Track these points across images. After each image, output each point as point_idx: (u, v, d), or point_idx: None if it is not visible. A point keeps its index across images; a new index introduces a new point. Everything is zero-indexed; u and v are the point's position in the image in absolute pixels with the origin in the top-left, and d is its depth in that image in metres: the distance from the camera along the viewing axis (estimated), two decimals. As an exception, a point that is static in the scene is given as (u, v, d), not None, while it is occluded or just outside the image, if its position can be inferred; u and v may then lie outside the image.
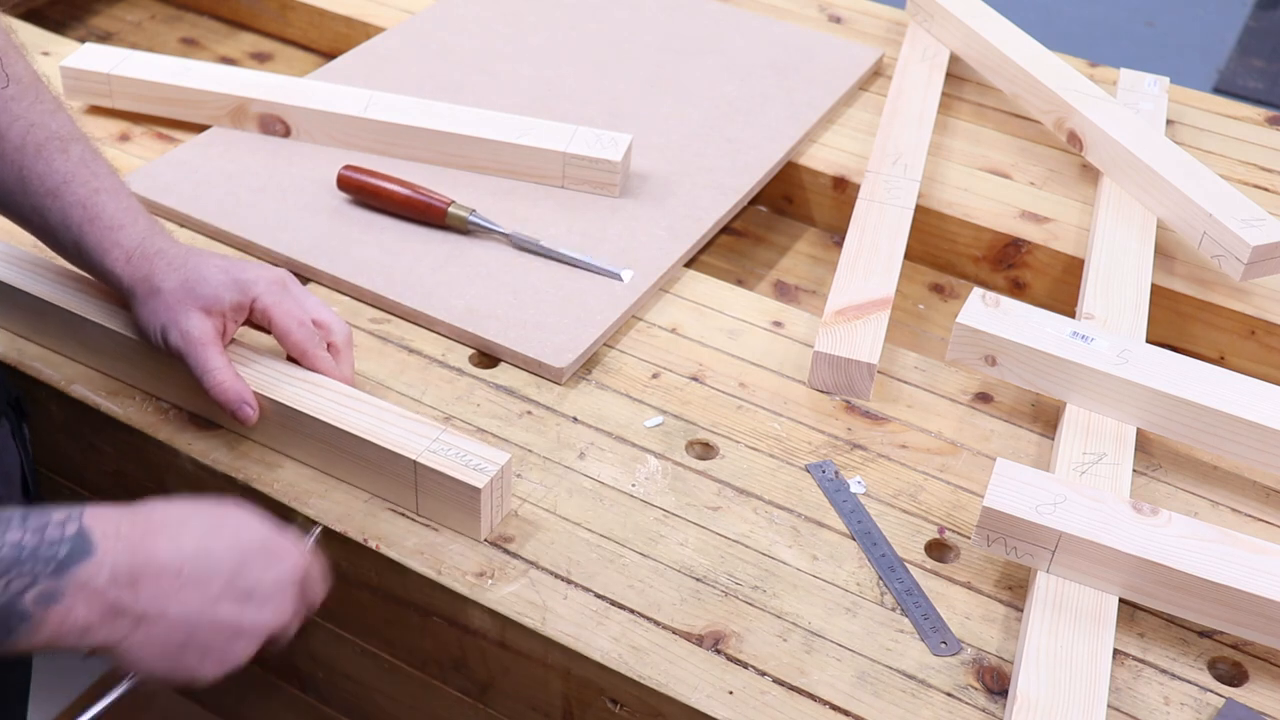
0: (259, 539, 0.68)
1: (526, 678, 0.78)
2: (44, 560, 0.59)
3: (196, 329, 0.79)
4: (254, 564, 0.67)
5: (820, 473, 0.86)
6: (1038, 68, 1.22)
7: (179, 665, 0.65)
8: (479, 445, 0.78)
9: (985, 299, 0.91)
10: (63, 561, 0.59)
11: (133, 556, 0.62)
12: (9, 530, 0.59)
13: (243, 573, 0.66)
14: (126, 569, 0.61)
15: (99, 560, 0.60)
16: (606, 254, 1.01)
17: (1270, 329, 1.04)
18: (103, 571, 0.60)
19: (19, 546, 0.58)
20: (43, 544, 0.59)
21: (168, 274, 0.80)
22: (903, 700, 0.72)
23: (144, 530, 0.63)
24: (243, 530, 0.68)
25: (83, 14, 1.49)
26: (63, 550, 0.59)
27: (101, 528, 0.61)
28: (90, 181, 0.81)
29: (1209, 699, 0.73)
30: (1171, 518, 0.76)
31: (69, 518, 0.61)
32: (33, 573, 0.58)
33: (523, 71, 1.24)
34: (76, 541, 0.60)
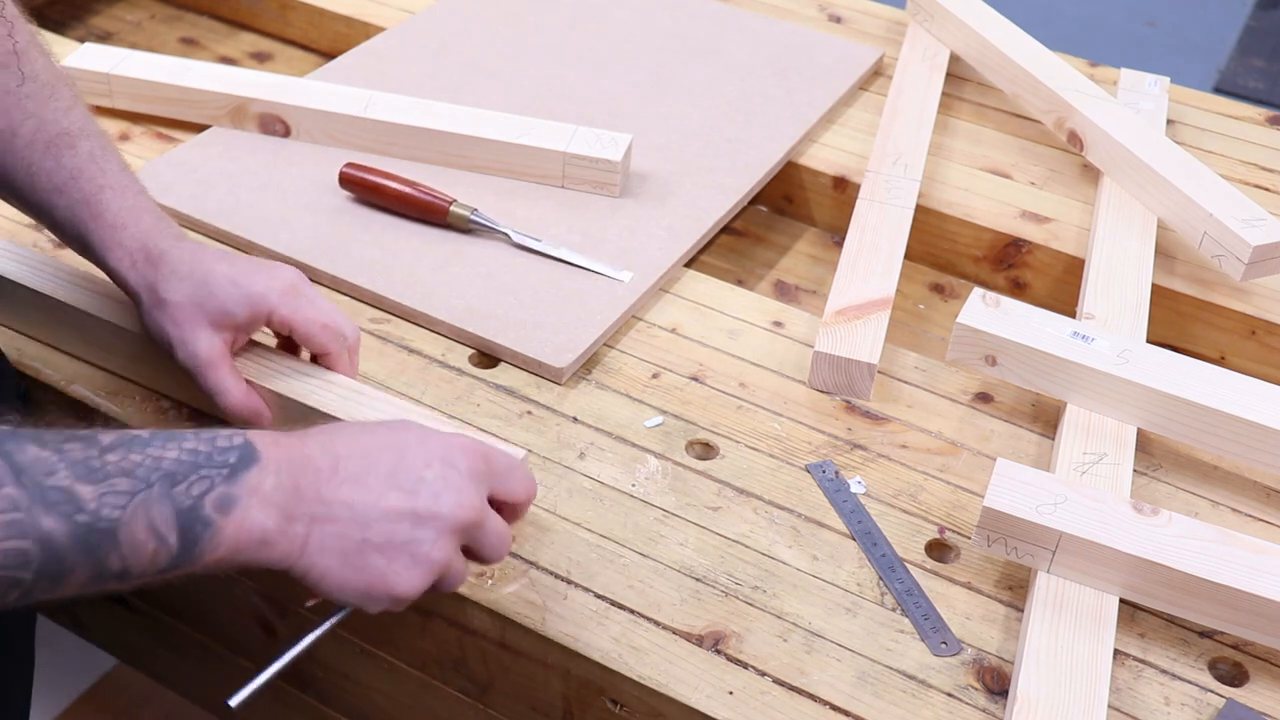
0: (418, 434, 0.67)
1: (526, 678, 0.78)
2: (218, 465, 0.60)
3: (204, 349, 0.77)
4: (414, 455, 0.66)
5: (820, 473, 0.86)
6: (1038, 67, 1.22)
7: (367, 572, 0.64)
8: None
9: (985, 299, 0.91)
10: (234, 466, 0.60)
11: (291, 462, 0.63)
12: (185, 440, 0.60)
13: (403, 465, 0.65)
14: (288, 473, 0.62)
15: (264, 466, 0.61)
16: (606, 254, 1.01)
17: (1271, 329, 1.04)
18: (268, 476, 0.61)
19: (195, 452, 0.60)
20: (215, 450, 0.60)
21: (173, 284, 0.78)
22: (903, 700, 0.72)
23: (299, 439, 0.64)
24: (398, 430, 0.67)
25: (82, 14, 1.48)
26: (233, 456, 0.61)
27: (262, 439, 0.62)
28: (97, 178, 0.80)
29: (1209, 699, 0.73)
30: (1172, 518, 0.76)
31: (235, 432, 0.62)
32: (210, 477, 0.59)
33: (523, 71, 1.24)
34: (244, 450, 0.61)
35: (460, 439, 0.68)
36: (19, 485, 0.54)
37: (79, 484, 0.55)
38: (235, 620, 0.94)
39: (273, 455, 0.62)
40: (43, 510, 0.54)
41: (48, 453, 0.55)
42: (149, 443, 0.59)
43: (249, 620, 0.93)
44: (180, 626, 1.01)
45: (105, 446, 0.57)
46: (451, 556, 0.66)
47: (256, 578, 0.89)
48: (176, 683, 1.12)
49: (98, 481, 0.56)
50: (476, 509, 0.66)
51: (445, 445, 0.67)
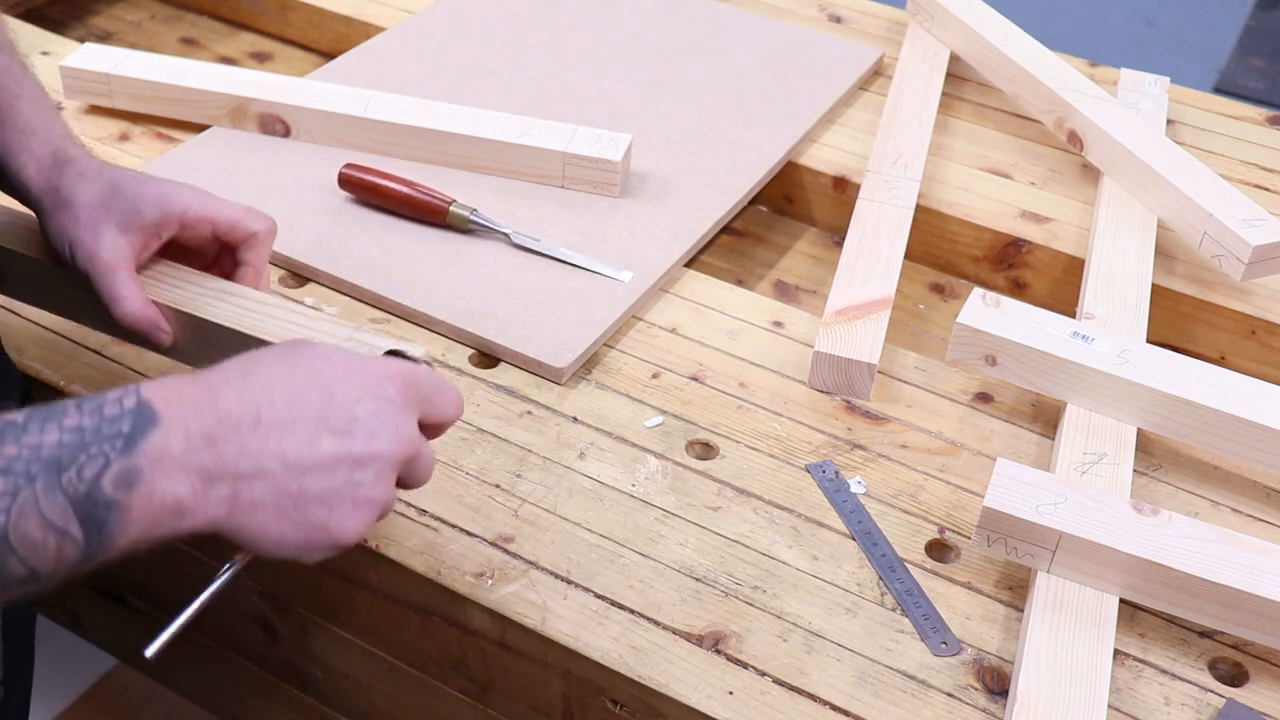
0: (340, 367, 0.60)
1: (526, 678, 0.78)
2: (109, 439, 0.53)
3: (107, 250, 0.72)
4: (342, 393, 0.59)
5: (820, 473, 0.86)
6: (1038, 67, 1.22)
7: (308, 525, 0.58)
8: (393, 342, 0.71)
9: (985, 299, 0.91)
10: (129, 436, 0.53)
11: (202, 417, 0.56)
12: (65, 416, 0.53)
13: (332, 405, 0.59)
14: (199, 431, 0.55)
15: (167, 427, 0.54)
16: (606, 254, 1.01)
17: (1271, 329, 1.04)
18: (174, 437, 0.54)
19: (79, 430, 0.53)
20: (104, 422, 0.53)
21: (81, 185, 0.74)
22: (903, 700, 0.72)
23: (207, 388, 0.57)
24: (319, 364, 0.60)
25: (82, 14, 1.48)
26: (126, 424, 0.54)
27: (161, 395, 0.55)
28: (11, 87, 0.77)
29: (1209, 699, 0.73)
30: (1172, 518, 0.76)
31: (125, 393, 0.55)
32: (102, 454, 0.53)
33: (523, 71, 1.24)
34: (139, 414, 0.54)
35: (383, 364, 0.62)
36: None
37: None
38: (235, 620, 0.94)
39: (176, 413, 0.55)
40: None
41: None
42: (24, 429, 0.52)
43: (249, 620, 0.93)
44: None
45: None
46: (392, 491, 0.61)
47: (257, 578, 0.89)
48: (176, 683, 1.12)
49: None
50: (413, 439, 0.61)
51: (372, 375, 0.61)
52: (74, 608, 1.11)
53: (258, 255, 0.78)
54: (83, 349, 0.91)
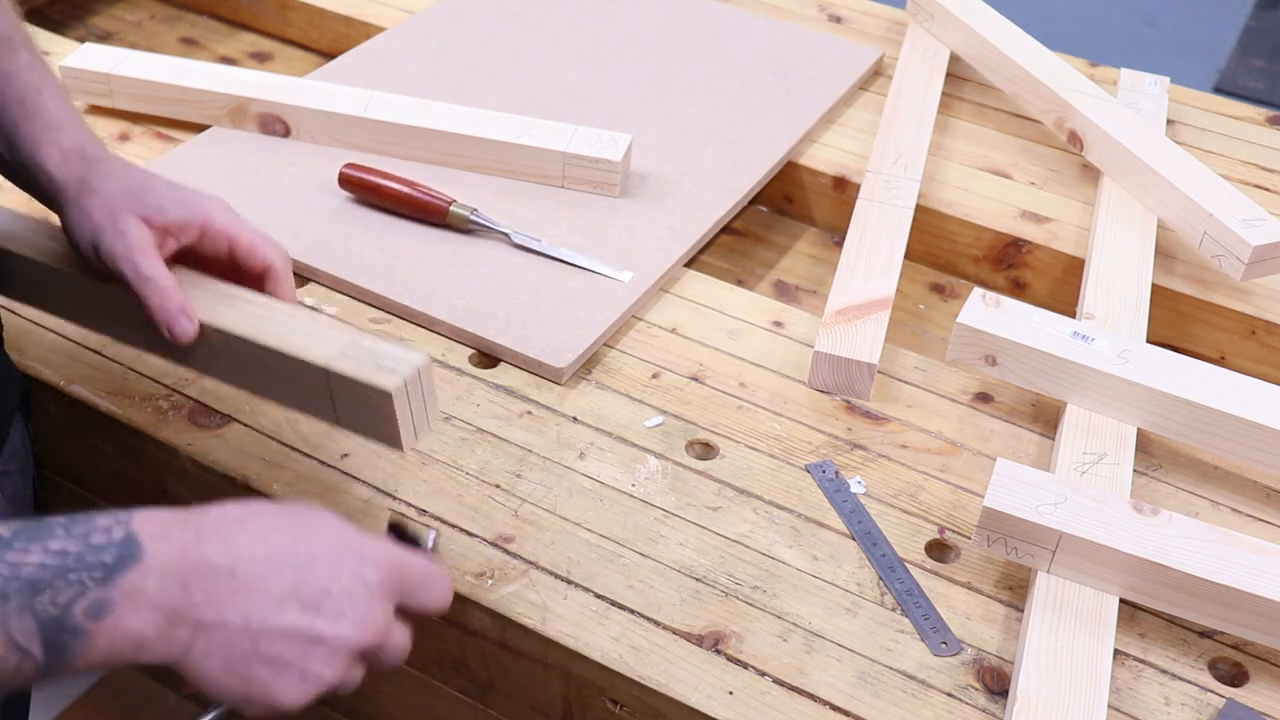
0: (331, 539, 0.60)
1: (526, 678, 0.78)
2: (90, 567, 0.54)
3: (136, 233, 0.71)
4: (323, 566, 0.59)
5: (820, 473, 0.86)
6: (1038, 67, 1.22)
7: (251, 683, 0.58)
8: (398, 348, 0.71)
9: (985, 299, 0.91)
10: (111, 567, 0.54)
11: (182, 559, 0.56)
12: (52, 539, 0.54)
13: (309, 576, 0.59)
14: (176, 572, 0.56)
15: (148, 565, 0.55)
16: (606, 254, 1.01)
17: (1271, 329, 1.04)
18: (152, 576, 0.55)
19: (64, 554, 0.54)
20: (88, 550, 0.54)
21: (107, 177, 0.73)
22: (903, 700, 0.72)
23: (195, 531, 0.58)
24: (313, 529, 0.60)
25: (83, 14, 1.48)
26: (109, 555, 0.55)
27: (149, 530, 0.56)
28: (34, 82, 0.76)
29: (1209, 699, 0.73)
30: (1172, 518, 0.76)
31: (115, 522, 0.56)
32: (80, 582, 0.54)
33: (523, 71, 1.24)
34: (124, 546, 0.55)
35: (375, 547, 0.62)
36: None
37: None
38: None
39: (159, 551, 0.56)
40: None
41: None
42: (9, 545, 0.53)
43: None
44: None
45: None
46: (345, 673, 0.60)
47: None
48: (176, 683, 1.12)
49: None
50: (379, 630, 0.61)
51: (359, 555, 0.61)
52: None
53: (282, 290, 0.77)
54: (83, 349, 0.91)
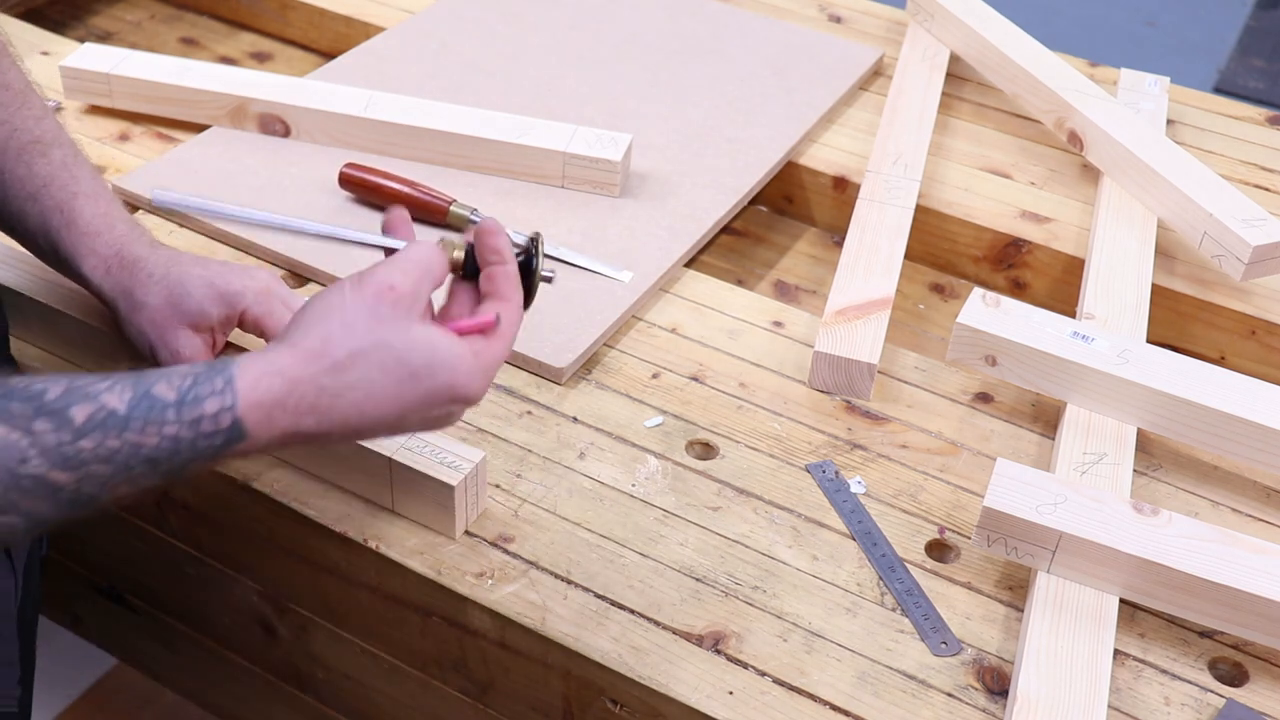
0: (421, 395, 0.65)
1: (526, 678, 0.78)
2: (201, 451, 0.60)
3: (186, 349, 0.78)
4: (415, 414, 0.65)
5: (820, 473, 0.86)
6: (1038, 67, 1.22)
7: None
8: (454, 443, 0.78)
9: (985, 299, 0.91)
10: (219, 448, 0.60)
11: (283, 436, 0.62)
12: (165, 424, 0.59)
13: (403, 423, 0.66)
14: (280, 443, 0.63)
15: (251, 443, 0.61)
16: (606, 254, 1.01)
17: (1271, 329, 1.04)
18: (257, 446, 0.62)
19: (177, 440, 0.59)
20: (199, 437, 0.59)
21: (149, 288, 0.78)
22: (903, 700, 0.72)
23: (295, 413, 0.62)
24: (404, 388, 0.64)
25: (82, 14, 1.48)
26: (219, 440, 0.60)
27: (254, 417, 0.61)
28: (69, 185, 0.80)
29: (1209, 699, 0.73)
30: (1172, 518, 0.76)
31: (222, 408, 0.60)
32: (192, 458, 0.60)
33: (523, 71, 1.24)
34: (231, 432, 0.60)
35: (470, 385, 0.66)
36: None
37: (54, 471, 0.55)
38: (235, 620, 0.94)
39: (262, 434, 0.61)
40: (19, 495, 0.54)
41: (17, 435, 0.54)
42: (126, 424, 0.58)
43: (249, 620, 0.93)
44: (180, 626, 1.01)
45: (79, 429, 0.56)
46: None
47: (257, 578, 0.89)
48: (176, 683, 1.12)
49: (74, 469, 0.56)
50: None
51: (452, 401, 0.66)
52: (74, 608, 1.11)
53: None
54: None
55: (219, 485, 0.83)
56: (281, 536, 0.83)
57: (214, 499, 0.86)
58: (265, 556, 0.87)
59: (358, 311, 0.64)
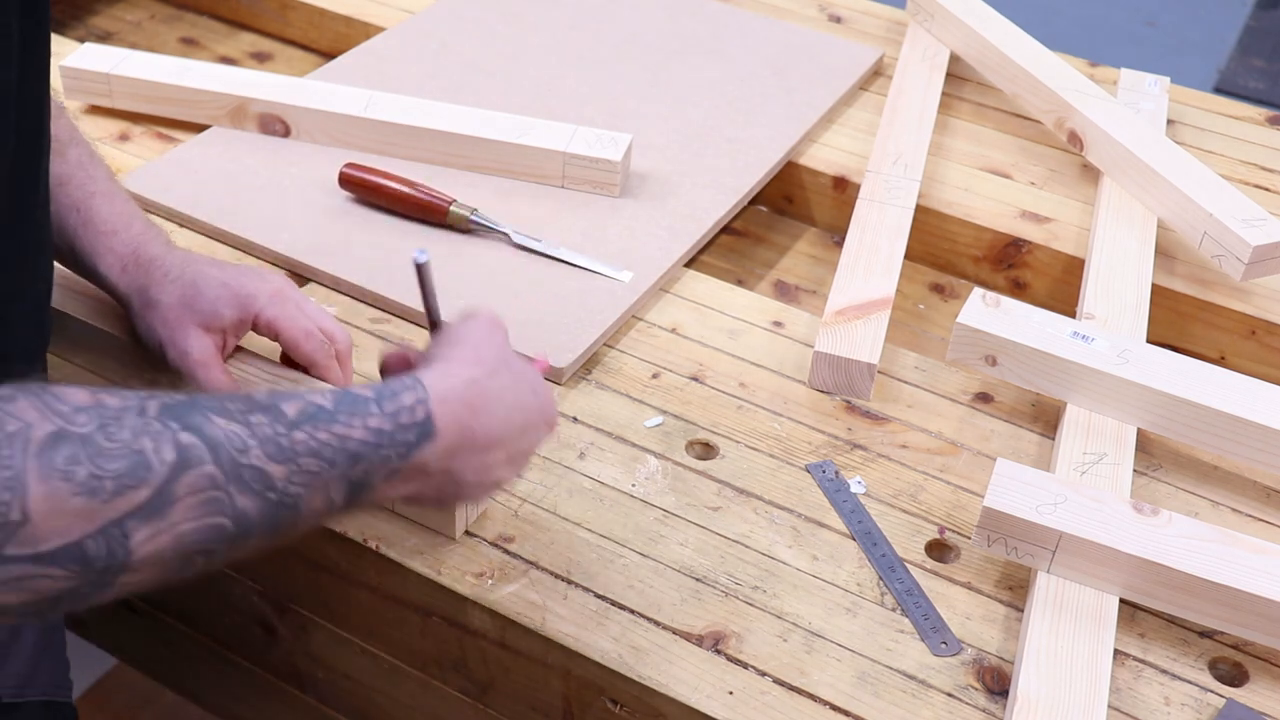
0: (537, 409, 0.70)
1: (526, 678, 0.78)
2: (398, 445, 0.62)
3: (196, 349, 0.78)
4: (529, 435, 0.70)
5: (820, 473, 0.86)
6: (1038, 67, 1.22)
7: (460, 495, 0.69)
8: None
9: (985, 299, 0.91)
10: (413, 444, 0.62)
11: (459, 436, 0.64)
12: (370, 416, 0.61)
13: (522, 444, 0.69)
14: (453, 447, 0.64)
15: (437, 443, 0.63)
16: (606, 254, 1.01)
17: (1271, 329, 1.04)
18: (437, 452, 0.63)
19: (380, 432, 0.61)
20: (398, 429, 0.62)
21: (164, 286, 0.79)
22: (903, 700, 0.72)
23: (470, 409, 0.65)
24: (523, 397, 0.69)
25: (83, 14, 1.48)
26: (413, 434, 0.62)
27: (442, 411, 0.64)
28: (86, 185, 0.80)
29: (1209, 699, 0.73)
30: (1172, 518, 0.76)
31: (417, 401, 0.63)
32: (388, 457, 0.61)
33: (523, 71, 1.24)
34: (424, 426, 0.63)
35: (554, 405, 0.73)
36: (216, 463, 0.55)
37: (270, 463, 0.57)
38: (235, 620, 0.94)
39: (447, 430, 0.64)
40: (238, 489, 0.55)
41: (236, 426, 0.56)
42: (334, 417, 0.60)
43: (249, 620, 0.93)
44: (180, 626, 1.00)
45: (292, 421, 0.58)
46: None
47: (256, 578, 0.89)
48: (176, 683, 1.12)
49: (287, 460, 0.57)
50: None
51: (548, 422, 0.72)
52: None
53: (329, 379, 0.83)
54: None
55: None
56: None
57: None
58: (265, 556, 0.86)
59: (486, 333, 0.70)
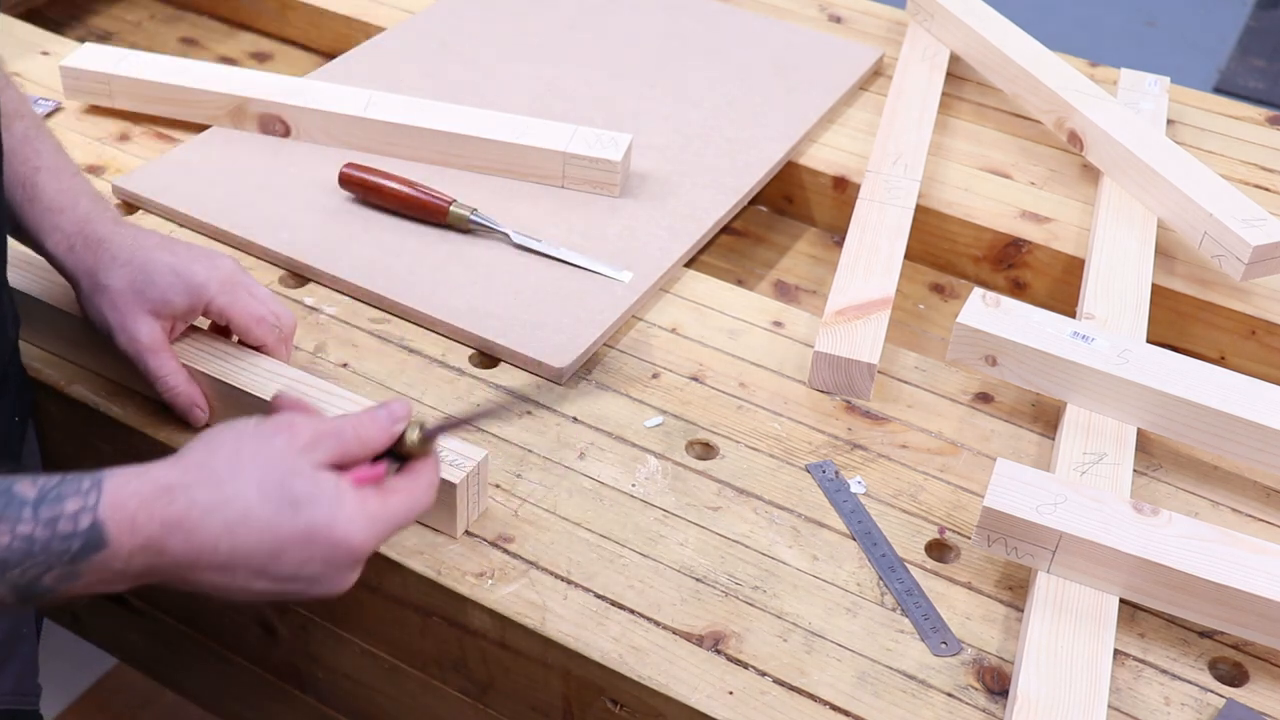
0: (301, 529, 0.60)
1: (526, 678, 0.78)
2: (56, 554, 0.56)
3: (145, 335, 0.78)
4: (289, 558, 0.60)
5: (820, 473, 0.86)
6: (1038, 67, 1.22)
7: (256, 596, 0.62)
8: (455, 442, 0.78)
9: (985, 299, 0.91)
10: (76, 554, 0.57)
11: (147, 556, 0.58)
12: (20, 522, 0.56)
13: (274, 566, 0.60)
14: (141, 560, 0.58)
15: (112, 552, 0.57)
16: (606, 254, 1.01)
17: (1270, 329, 1.04)
18: (117, 560, 0.58)
19: (30, 539, 0.56)
20: (54, 538, 0.56)
21: (112, 270, 0.78)
22: (903, 700, 0.72)
23: (161, 523, 0.58)
24: (281, 519, 0.60)
25: (83, 14, 1.48)
26: (75, 544, 0.56)
27: (116, 519, 0.57)
28: (31, 159, 0.79)
29: (1209, 699, 0.73)
30: (1172, 518, 0.76)
31: (83, 509, 0.57)
32: (46, 563, 0.56)
33: (523, 71, 1.24)
34: (90, 535, 0.57)
35: (350, 527, 0.61)
36: None
37: None
38: (235, 620, 0.94)
39: (125, 543, 0.57)
40: None
41: None
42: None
43: (249, 620, 0.93)
44: (180, 626, 1.01)
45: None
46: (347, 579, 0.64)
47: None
48: (176, 683, 1.12)
49: None
50: (353, 580, 0.64)
51: (330, 543, 0.61)
52: (74, 608, 1.11)
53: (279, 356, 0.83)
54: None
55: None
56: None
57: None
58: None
59: (252, 438, 0.62)
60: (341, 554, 0.61)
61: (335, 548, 0.61)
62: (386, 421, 0.67)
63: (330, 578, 0.62)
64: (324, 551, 0.61)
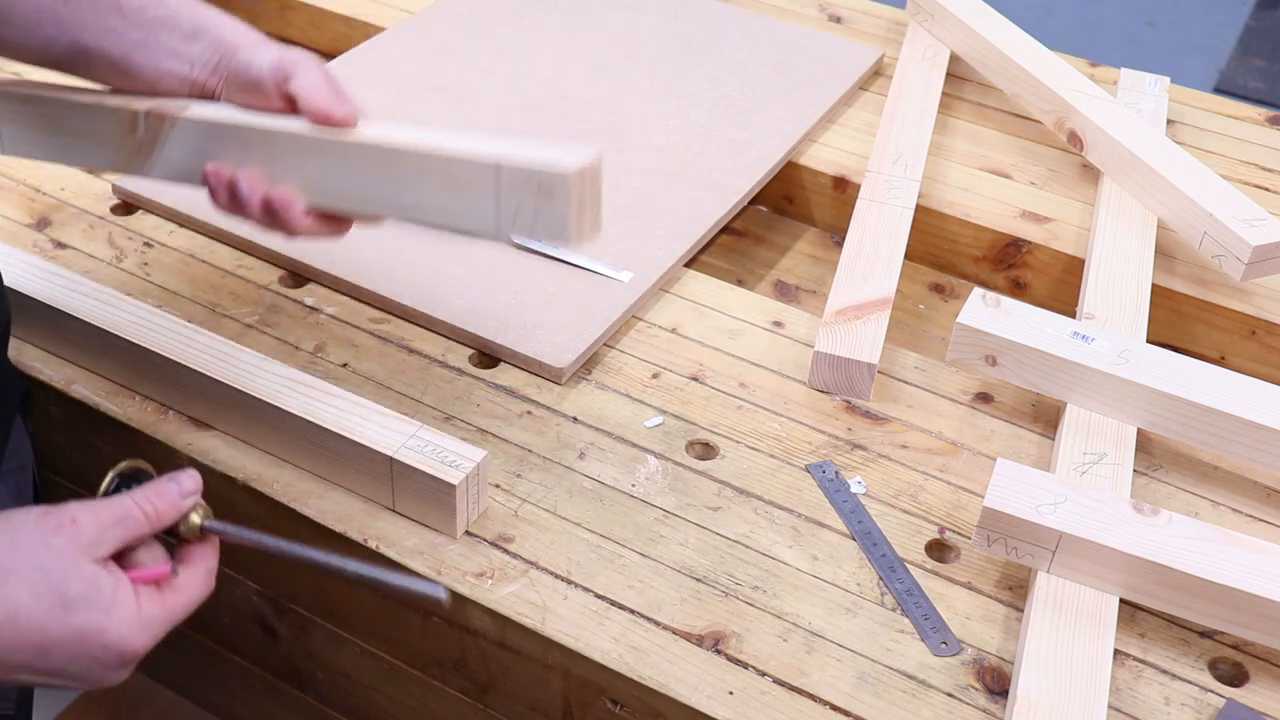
0: (71, 631, 0.60)
1: (526, 678, 0.78)
2: None
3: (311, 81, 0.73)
4: (59, 652, 0.60)
5: (820, 473, 0.86)
6: (1038, 67, 1.22)
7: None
8: (455, 442, 0.79)
9: (985, 299, 0.91)
10: None
11: None
12: None
13: (44, 658, 0.60)
14: None
15: None
16: (606, 254, 1.01)
17: (1271, 329, 1.04)
18: None
19: None
20: None
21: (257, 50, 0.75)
22: (903, 701, 0.72)
23: None
24: (51, 623, 0.59)
25: (83, 14, 1.48)
26: None
27: None
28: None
29: (1210, 699, 0.73)
30: (1172, 518, 0.76)
31: None
32: None
33: (523, 71, 1.24)
34: None
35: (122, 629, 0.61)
36: None
37: None
38: (235, 620, 0.94)
39: None
40: None
41: None
42: None
43: (249, 620, 0.93)
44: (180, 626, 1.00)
45: None
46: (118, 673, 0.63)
47: (256, 578, 0.89)
48: (176, 682, 1.12)
49: None
50: (125, 675, 0.63)
51: (101, 645, 0.61)
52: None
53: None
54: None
55: (219, 484, 0.83)
56: (282, 536, 0.83)
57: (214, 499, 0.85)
58: (265, 556, 0.86)
59: (29, 535, 0.61)
60: (112, 656, 0.61)
61: (106, 650, 0.61)
62: (176, 496, 0.67)
63: (100, 676, 0.62)
64: (95, 652, 0.61)
